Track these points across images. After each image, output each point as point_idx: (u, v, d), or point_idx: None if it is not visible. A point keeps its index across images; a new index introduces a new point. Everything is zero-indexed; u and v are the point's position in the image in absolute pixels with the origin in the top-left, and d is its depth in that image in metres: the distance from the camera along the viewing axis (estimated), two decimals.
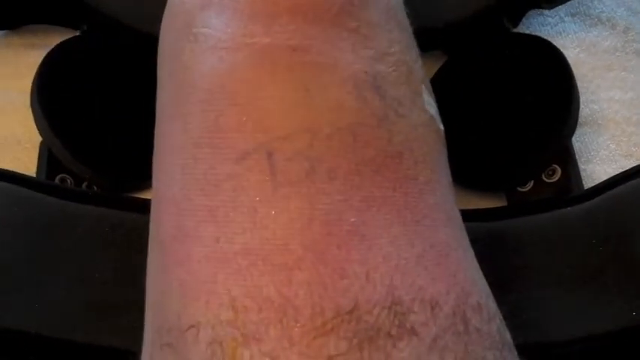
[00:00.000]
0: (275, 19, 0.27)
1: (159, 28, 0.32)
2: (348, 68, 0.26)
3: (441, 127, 0.30)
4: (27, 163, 0.43)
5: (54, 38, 0.44)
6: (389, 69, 0.28)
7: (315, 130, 0.25)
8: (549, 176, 0.42)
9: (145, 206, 0.30)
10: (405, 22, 0.31)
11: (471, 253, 0.28)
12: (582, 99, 0.44)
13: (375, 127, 0.26)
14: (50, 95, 0.40)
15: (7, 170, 0.37)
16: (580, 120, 0.44)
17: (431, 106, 0.29)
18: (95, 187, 0.41)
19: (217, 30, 0.27)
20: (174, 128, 0.27)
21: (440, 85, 0.45)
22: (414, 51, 0.30)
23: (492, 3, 0.45)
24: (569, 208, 0.38)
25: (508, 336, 0.26)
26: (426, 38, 0.44)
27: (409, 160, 0.26)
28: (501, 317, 0.26)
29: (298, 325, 0.22)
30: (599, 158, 0.46)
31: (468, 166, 0.42)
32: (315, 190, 0.24)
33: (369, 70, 0.27)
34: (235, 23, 0.27)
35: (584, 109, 0.47)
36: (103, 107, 0.41)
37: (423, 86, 0.29)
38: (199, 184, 0.25)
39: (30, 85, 0.41)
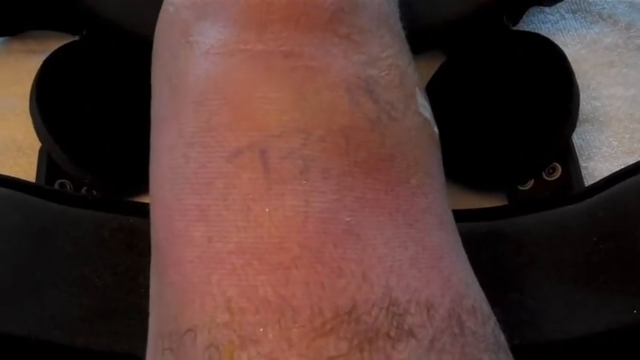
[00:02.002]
0: (267, 27, 0.27)
1: None
2: (340, 73, 0.27)
3: (436, 130, 0.30)
4: (27, 169, 0.43)
5: (54, 44, 0.44)
6: (381, 73, 0.28)
7: (308, 131, 0.25)
8: (550, 174, 0.42)
9: (144, 210, 0.30)
10: (398, 26, 0.31)
11: (464, 257, 0.28)
12: (584, 96, 0.44)
13: (367, 131, 0.26)
14: (49, 100, 0.40)
15: (6, 176, 0.37)
16: (581, 117, 0.44)
17: (425, 109, 0.29)
18: (95, 192, 0.41)
19: (211, 38, 0.27)
20: (168, 131, 0.28)
21: (440, 84, 0.45)
22: (406, 55, 0.30)
23: (492, 0, 0.45)
24: (569, 206, 0.37)
25: (503, 338, 0.26)
26: (426, 37, 0.44)
27: (401, 163, 0.26)
28: (496, 320, 0.26)
29: (297, 325, 0.22)
30: (600, 155, 0.45)
31: (468, 165, 0.42)
32: (309, 188, 0.24)
33: (362, 75, 0.27)
34: (229, 31, 0.27)
35: (586, 106, 0.47)
36: (102, 112, 0.41)
37: (417, 89, 0.29)
38: (190, 183, 0.25)
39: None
